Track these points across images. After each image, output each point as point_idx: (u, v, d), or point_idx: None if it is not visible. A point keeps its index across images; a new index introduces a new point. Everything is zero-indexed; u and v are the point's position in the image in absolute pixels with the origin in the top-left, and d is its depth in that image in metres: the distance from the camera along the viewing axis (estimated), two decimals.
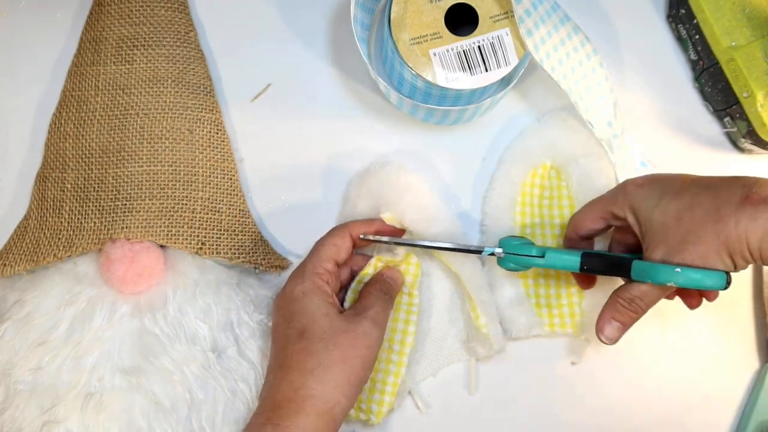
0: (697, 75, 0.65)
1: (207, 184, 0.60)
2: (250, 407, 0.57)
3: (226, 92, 0.64)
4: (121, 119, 0.60)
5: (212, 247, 0.59)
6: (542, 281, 0.62)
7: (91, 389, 0.55)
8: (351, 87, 0.64)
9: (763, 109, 0.60)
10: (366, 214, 0.59)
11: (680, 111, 0.65)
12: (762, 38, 0.60)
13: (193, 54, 0.62)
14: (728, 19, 0.61)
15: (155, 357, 0.55)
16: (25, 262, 0.58)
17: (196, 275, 0.58)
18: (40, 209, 0.60)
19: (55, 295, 0.56)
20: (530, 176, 0.63)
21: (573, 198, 0.63)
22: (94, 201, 0.59)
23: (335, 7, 0.65)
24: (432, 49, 0.58)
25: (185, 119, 0.61)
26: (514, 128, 0.64)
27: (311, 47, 0.64)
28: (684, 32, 0.64)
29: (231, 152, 0.62)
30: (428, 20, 0.58)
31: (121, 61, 0.61)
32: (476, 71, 0.58)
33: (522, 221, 0.63)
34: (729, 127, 0.64)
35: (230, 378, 0.56)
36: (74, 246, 0.57)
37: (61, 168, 0.60)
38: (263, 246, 0.61)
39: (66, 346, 0.55)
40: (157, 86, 0.61)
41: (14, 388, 0.55)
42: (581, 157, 0.62)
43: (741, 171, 0.64)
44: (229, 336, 0.57)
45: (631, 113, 0.64)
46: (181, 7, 0.62)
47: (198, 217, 0.59)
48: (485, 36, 0.58)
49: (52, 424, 0.54)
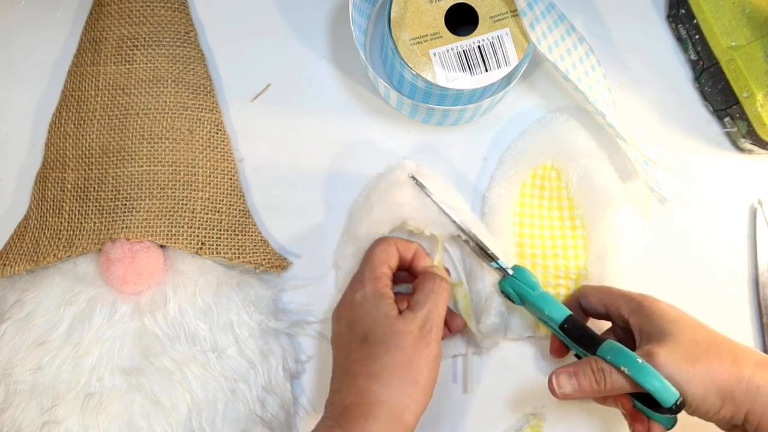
0: (697, 75, 0.65)
1: (207, 184, 0.60)
2: (250, 407, 0.57)
3: (226, 92, 0.64)
4: (121, 119, 0.60)
5: (212, 247, 0.59)
6: (540, 282, 0.62)
7: (91, 389, 0.55)
8: (351, 87, 0.64)
9: (763, 109, 0.60)
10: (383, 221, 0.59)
11: (680, 111, 0.65)
12: (762, 38, 0.60)
13: (193, 54, 0.62)
14: (728, 19, 0.61)
15: (155, 357, 0.55)
16: (25, 262, 0.58)
17: (196, 275, 0.58)
18: (40, 209, 0.60)
19: (55, 295, 0.56)
20: (530, 176, 0.63)
21: (573, 198, 0.63)
22: (94, 201, 0.59)
23: (335, 7, 0.65)
24: (432, 49, 0.58)
25: (185, 119, 0.61)
26: (515, 128, 0.64)
27: (311, 47, 0.64)
28: (684, 32, 0.64)
29: (231, 152, 0.62)
30: (428, 20, 0.58)
31: (121, 61, 0.61)
32: (476, 71, 0.58)
33: (521, 222, 0.63)
34: (729, 127, 0.64)
35: (230, 378, 0.56)
36: (74, 246, 0.57)
37: (61, 168, 0.60)
38: (263, 246, 0.61)
39: (66, 346, 0.55)
40: (157, 86, 0.61)
41: (14, 388, 0.55)
42: (581, 158, 0.62)
43: (741, 171, 0.65)
44: (229, 336, 0.57)
45: (631, 113, 0.64)
46: (181, 7, 0.62)
47: (198, 217, 0.59)
48: (485, 36, 0.58)
49: (52, 424, 0.54)
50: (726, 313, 0.63)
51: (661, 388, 0.48)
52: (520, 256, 0.62)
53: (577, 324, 0.54)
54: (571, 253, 0.62)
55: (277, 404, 0.58)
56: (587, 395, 0.51)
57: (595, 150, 0.62)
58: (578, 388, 0.51)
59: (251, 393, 0.57)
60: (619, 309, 0.54)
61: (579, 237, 0.63)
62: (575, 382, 0.51)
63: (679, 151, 0.65)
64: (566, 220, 0.63)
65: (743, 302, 0.64)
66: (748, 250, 0.64)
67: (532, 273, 0.57)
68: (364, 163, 0.63)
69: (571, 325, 0.54)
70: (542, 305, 0.55)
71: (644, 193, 0.64)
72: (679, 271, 0.64)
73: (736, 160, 0.65)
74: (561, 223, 0.63)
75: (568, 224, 0.63)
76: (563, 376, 0.51)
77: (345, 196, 0.63)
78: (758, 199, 0.64)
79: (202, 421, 0.55)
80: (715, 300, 0.63)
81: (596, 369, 0.51)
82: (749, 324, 0.64)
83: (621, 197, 0.62)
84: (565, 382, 0.51)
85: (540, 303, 0.55)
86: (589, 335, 0.54)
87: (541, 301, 0.55)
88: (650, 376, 0.48)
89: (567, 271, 0.62)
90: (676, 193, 0.64)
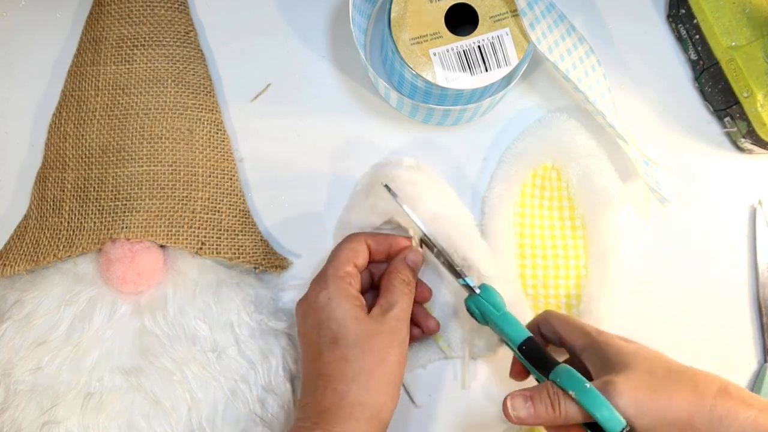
0: (697, 75, 0.65)
1: (207, 184, 0.60)
2: (250, 407, 0.57)
3: (226, 92, 0.64)
4: (121, 119, 0.60)
5: (212, 247, 0.59)
6: (540, 283, 0.62)
7: (91, 389, 0.55)
8: (351, 87, 0.64)
9: (763, 109, 0.60)
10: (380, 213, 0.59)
11: (680, 111, 0.65)
12: (762, 38, 0.60)
13: (193, 54, 0.62)
14: (728, 19, 0.61)
15: (155, 357, 0.55)
16: (25, 262, 0.58)
17: (196, 275, 0.58)
18: (40, 209, 0.60)
19: (55, 295, 0.56)
20: (530, 177, 0.63)
21: (573, 198, 0.63)
22: (94, 201, 0.59)
23: (335, 7, 0.65)
24: (432, 49, 0.58)
25: (185, 119, 0.61)
26: (515, 128, 0.64)
27: (311, 47, 0.64)
28: (684, 32, 0.64)
29: (231, 152, 0.62)
30: (428, 20, 0.58)
31: (121, 61, 0.61)
32: (476, 71, 0.58)
33: (521, 222, 0.63)
34: (729, 127, 0.64)
35: (230, 378, 0.56)
36: (74, 246, 0.57)
37: (61, 168, 0.60)
38: (263, 246, 0.61)
39: (66, 346, 0.55)
40: (157, 86, 0.61)
41: (14, 388, 0.55)
42: (581, 158, 0.62)
43: (741, 171, 0.65)
44: (229, 336, 0.57)
45: (631, 113, 0.64)
46: (181, 7, 0.62)
47: (198, 217, 0.59)
48: (485, 36, 0.58)
49: (52, 424, 0.54)
50: (726, 313, 0.63)
51: (608, 416, 0.46)
52: (520, 257, 0.62)
53: (535, 346, 0.53)
54: (571, 253, 0.62)
55: (277, 404, 0.58)
56: (542, 422, 0.49)
57: (595, 150, 0.62)
58: (533, 413, 0.49)
59: (251, 393, 0.57)
60: (573, 342, 0.52)
61: (579, 237, 0.63)
62: (530, 405, 0.49)
63: (679, 151, 0.65)
64: (566, 220, 0.63)
65: (743, 302, 0.64)
66: (748, 250, 0.64)
67: (498, 293, 0.55)
68: (364, 163, 0.63)
69: (529, 348, 0.53)
70: (503, 326, 0.54)
71: (644, 193, 0.64)
72: (679, 271, 0.64)
73: (736, 160, 0.65)
74: (561, 223, 0.63)
75: (568, 224, 0.63)
76: (518, 399, 0.49)
77: (345, 196, 0.63)
78: (758, 199, 0.64)
79: (202, 421, 0.55)
80: (715, 300, 0.63)
81: (552, 394, 0.49)
82: (749, 324, 0.64)
83: (621, 197, 0.62)
84: (520, 405, 0.49)
85: (501, 323, 0.54)
86: (546, 358, 0.52)
87: (503, 321, 0.54)
88: (597, 402, 0.46)
89: (567, 271, 0.62)
90: (676, 193, 0.63)
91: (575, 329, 0.53)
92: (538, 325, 0.56)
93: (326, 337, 0.51)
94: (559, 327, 0.54)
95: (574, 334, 0.53)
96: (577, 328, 0.53)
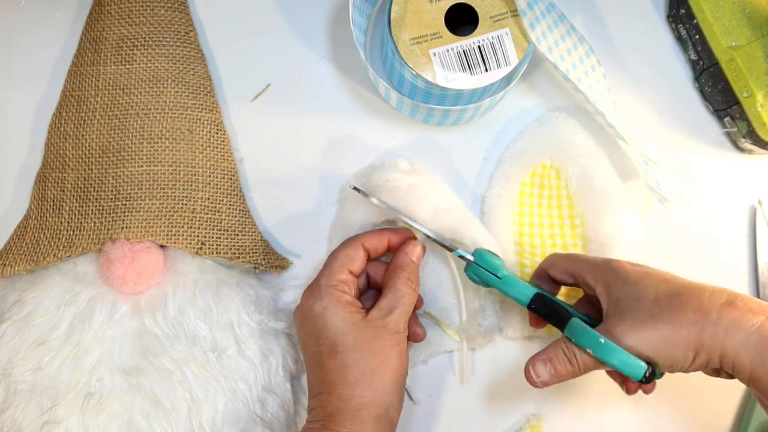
0: (697, 75, 0.65)
1: (207, 184, 0.60)
2: (250, 407, 0.57)
3: (226, 92, 0.64)
4: (121, 119, 0.60)
5: (212, 247, 0.59)
6: None
7: (90, 389, 0.55)
8: (351, 87, 0.64)
9: (763, 109, 0.60)
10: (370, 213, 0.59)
11: (680, 111, 0.65)
12: (762, 38, 0.60)
13: (193, 54, 0.62)
14: (728, 19, 0.61)
15: (155, 357, 0.55)
16: (25, 262, 0.58)
17: (196, 275, 0.58)
18: (40, 209, 0.60)
19: (55, 295, 0.56)
20: (529, 176, 0.63)
21: (572, 198, 0.63)
22: (94, 201, 0.59)
23: (335, 7, 0.65)
24: (432, 49, 0.58)
25: (185, 119, 0.61)
26: (514, 128, 0.64)
27: (311, 47, 0.64)
28: (684, 32, 0.64)
29: (231, 152, 0.62)
30: (428, 20, 0.58)
31: (121, 61, 0.61)
32: (476, 71, 0.58)
33: (521, 221, 0.63)
34: (729, 127, 0.64)
35: (230, 378, 0.56)
36: (74, 246, 0.57)
37: (61, 168, 0.60)
38: (263, 246, 0.61)
39: (66, 346, 0.55)
40: (157, 86, 0.61)
41: (14, 388, 0.55)
42: (581, 157, 0.62)
43: (741, 171, 0.65)
44: (229, 336, 0.57)
45: (631, 113, 0.64)
46: (181, 7, 0.62)
47: (198, 217, 0.59)
48: (485, 36, 0.58)
49: (52, 424, 0.54)
50: None
51: (627, 365, 0.47)
52: (519, 255, 0.62)
53: (544, 302, 0.53)
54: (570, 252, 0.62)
55: (277, 404, 0.58)
56: (564, 378, 0.50)
57: (594, 149, 0.62)
58: (555, 374, 0.50)
59: (251, 393, 0.57)
60: (585, 278, 0.53)
61: (578, 236, 0.63)
62: (551, 367, 0.50)
63: (679, 151, 0.65)
64: (566, 219, 0.63)
65: None
66: (748, 250, 0.64)
67: (494, 254, 0.55)
68: (364, 163, 0.63)
69: (538, 305, 0.53)
70: (507, 290, 0.54)
71: (644, 193, 0.64)
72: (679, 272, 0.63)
73: (736, 160, 0.65)
74: (560, 222, 0.63)
75: (567, 223, 0.63)
76: (539, 364, 0.50)
77: None
78: (758, 199, 0.64)
79: (202, 421, 0.55)
80: None
81: (568, 351, 0.50)
82: None
83: (621, 197, 0.62)
84: (541, 369, 0.50)
85: (504, 287, 0.54)
86: (556, 313, 0.53)
87: (505, 285, 0.54)
88: (614, 355, 0.47)
89: None
90: (676, 193, 0.63)
91: (584, 264, 0.54)
92: (546, 270, 0.56)
93: (325, 345, 0.52)
94: (568, 266, 0.54)
95: (584, 269, 0.53)
96: (585, 263, 0.54)
